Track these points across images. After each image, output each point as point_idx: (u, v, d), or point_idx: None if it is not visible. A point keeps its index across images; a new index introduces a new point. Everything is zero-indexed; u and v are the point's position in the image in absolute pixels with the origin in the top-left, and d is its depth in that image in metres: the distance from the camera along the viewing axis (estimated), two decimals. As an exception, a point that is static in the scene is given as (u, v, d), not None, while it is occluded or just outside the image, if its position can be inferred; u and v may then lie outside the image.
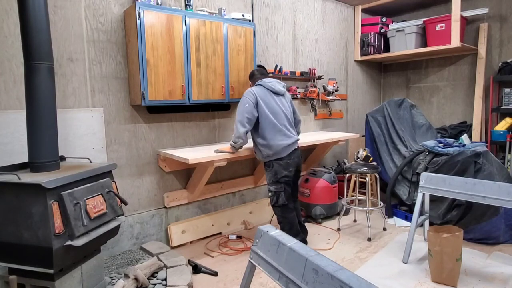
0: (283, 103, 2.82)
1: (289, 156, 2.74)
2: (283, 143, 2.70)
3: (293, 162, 2.76)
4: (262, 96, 2.71)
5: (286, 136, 2.73)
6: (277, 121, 2.72)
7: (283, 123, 2.76)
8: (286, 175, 2.73)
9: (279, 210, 2.79)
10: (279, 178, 2.73)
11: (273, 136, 2.70)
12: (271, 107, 2.72)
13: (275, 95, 2.79)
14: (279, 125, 2.72)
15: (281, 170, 2.72)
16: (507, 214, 2.96)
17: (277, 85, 2.81)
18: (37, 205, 1.70)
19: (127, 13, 2.67)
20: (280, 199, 2.75)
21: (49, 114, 1.96)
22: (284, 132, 2.73)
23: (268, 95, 2.74)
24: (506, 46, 4.26)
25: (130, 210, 2.85)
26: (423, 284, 2.44)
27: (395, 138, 3.99)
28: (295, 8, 4.10)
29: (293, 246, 1.25)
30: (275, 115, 2.73)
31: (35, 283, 1.83)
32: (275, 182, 2.74)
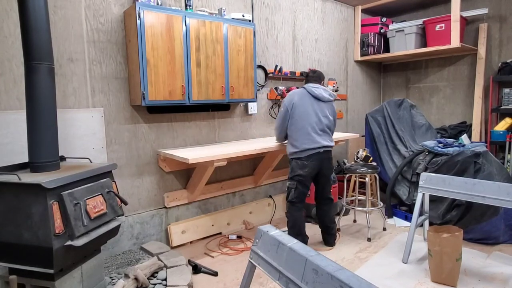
0: (322, 109, 2.89)
1: (307, 158, 2.80)
2: (305, 146, 2.79)
3: (310, 164, 2.81)
4: (299, 99, 2.85)
5: (311, 141, 2.81)
6: (307, 125, 2.81)
7: (314, 128, 2.83)
8: (300, 174, 2.81)
9: (288, 205, 2.93)
10: (293, 175, 2.85)
11: (298, 137, 2.82)
12: (304, 111, 2.82)
13: (316, 100, 2.87)
14: (308, 129, 2.81)
15: (297, 168, 2.83)
16: (507, 214, 2.97)
17: (321, 91, 2.89)
18: (37, 205, 1.70)
19: (127, 13, 2.67)
20: (290, 194, 2.87)
21: (49, 114, 1.96)
22: (310, 137, 2.81)
23: (306, 98, 2.86)
24: (505, 46, 4.26)
25: (130, 210, 2.85)
26: (423, 284, 2.45)
27: (395, 138, 3.99)
28: (295, 8, 4.10)
29: (293, 246, 1.25)
30: (306, 118, 2.82)
31: (35, 283, 1.83)
32: (290, 178, 2.89)
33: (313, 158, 2.81)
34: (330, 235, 3.07)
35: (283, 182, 4.09)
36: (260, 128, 3.84)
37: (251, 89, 3.29)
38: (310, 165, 2.82)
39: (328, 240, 3.08)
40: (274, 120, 3.96)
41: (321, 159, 2.86)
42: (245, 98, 3.25)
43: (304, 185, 2.86)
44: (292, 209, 2.89)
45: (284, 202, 3.98)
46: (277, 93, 3.78)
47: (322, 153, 2.85)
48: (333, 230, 3.09)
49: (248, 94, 3.27)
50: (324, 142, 2.85)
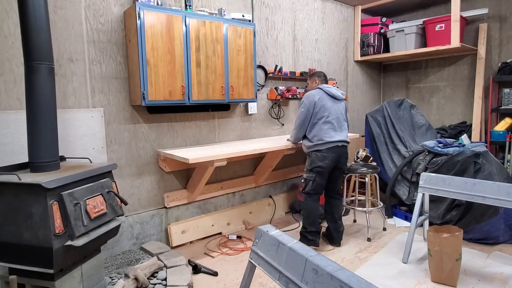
0: (338, 107, 3.02)
1: (327, 150, 2.90)
2: (326, 139, 2.89)
3: (329, 156, 2.90)
4: (319, 98, 2.94)
5: (331, 136, 2.91)
6: (327, 122, 2.92)
7: (333, 124, 2.94)
8: (320, 165, 2.89)
9: (304, 196, 3.00)
10: (313, 167, 2.92)
11: (319, 132, 2.92)
12: (324, 109, 2.93)
13: (332, 99, 2.99)
14: (328, 125, 2.92)
15: (317, 161, 2.90)
16: (507, 214, 2.97)
17: (336, 91, 3.02)
18: (37, 205, 1.70)
19: (127, 14, 2.67)
20: (308, 186, 2.95)
21: (49, 114, 1.96)
22: (331, 132, 2.92)
23: (325, 97, 2.97)
24: (505, 46, 4.26)
25: (130, 210, 2.85)
26: (423, 284, 2.45)
27: (394, 138, 3.99)
28: (295, 8, 4.10)
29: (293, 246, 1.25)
30: (327, 116, 2.93)
31: (35, 283, 1.83)
32: (309, 171, 2.96)
33: (333, 151, 2.90)
34: (338, 232, 3.09)
35: (283, 182, 4.09)
36: (260, 128, 3.84)
37: (251, 89, 3.29)
38: (329, 158, 2.89)
39: (335, 238, 3.09)
40: (274, 120, 3.96)
41: (340, 152, 2.95)
42: (245, 98, 3.25)
43: (322, 177, 2.94)
44: (309, 200, 2.97)
45: (284, 202, 4.00)
46: (277, 93, 3.78)
47: (341, 147, 2.95)
48: (341, 228, 3.11)
49: (248, 94, 3.27)
50: (342, 137, 2.96)
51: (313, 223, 2.96)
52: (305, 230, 2.99)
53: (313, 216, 2.96)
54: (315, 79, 3.16)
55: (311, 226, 2.96)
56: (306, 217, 2.99)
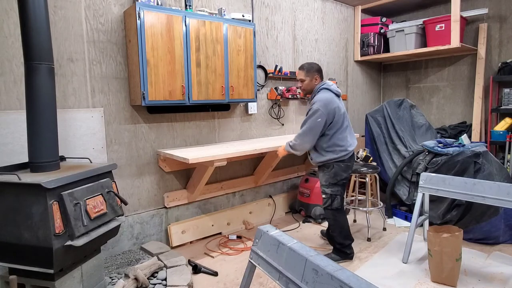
0: (342, 105, 2.76)
1: (350, 159, 2.69)
2: (349, 149, 2.65)
3: (351, 165, 2.72)
4: (334, 102, 2.61)
5: (350, 141, 2.69)
6: (347, 124, 2.71)
7: (350, 127, 2.77)
8: (346, 177, 2.68)
9: (332, 213, 2.70)
10: (338, 180, 2.64)
11: (345, 137, 2.65)
12: (342, 112, 2.67)
13: (339, 98, 2.73)
14: (350, 128, 2.74)
15: (341, 172, 2.63)
16: (507, 214, 2.97)
17: (337, 87, 2.78)
18: (37, 205, 1.70)
19: (127, 13, 2.67)
20: (336, 202, 2.67)
21: (49, 114, 1.96)
22: (350, 136, 2.71)
23: (337, 99, 2.67)
24: (505, 46, 4.26)
25: (130, 210, 2.85)
26: (423, 284, 2.45)
27: (394, 138, 3.99)
28: (295, 8, 4.10)
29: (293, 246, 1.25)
30: (345, 119, 2.70)
31: (35, 283, 1.83)
32: (333, 184, 2.65)
33: (353, 158, 2.74)
34: None
35: (283, 182, 4.09)
36: (260, 128, 3.84)
37: (251, 89, 3.29)
38: (351, 166, 2.72)
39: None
40: (274, 120, 3.96)
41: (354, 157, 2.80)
42: (245, 98, 3.25)
43: (345, 188, 2.76)
44: (340, 215, 2.72)
45: (284, 202, 4.00)
46: (277, 93, 3.78)
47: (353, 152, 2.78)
48: None
49: (248, 94, 3.27)
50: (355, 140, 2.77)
51: (347, 236, 2.76)
52: (342, 246, 2.74)
53: (346, 228, 2.75)
54: (315, 75, 2.71)
55: (347, 239, 2.75)
56: (340, 232, 2.73)
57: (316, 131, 2.57)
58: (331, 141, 2.62)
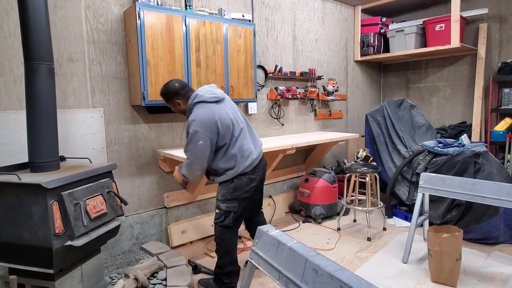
0: (233, 107, 2.32)
1: (253, 171, 2.29)
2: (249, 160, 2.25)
3: (257, 176, 2.32)
4: (213, 115, 2.14)
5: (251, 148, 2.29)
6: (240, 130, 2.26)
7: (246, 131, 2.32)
8: (247, 190, 2.28)
9: (220, 230, 2.32)
10: (238, 195, 2.26)
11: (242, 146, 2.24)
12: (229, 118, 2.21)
13: (221, 102, 2.25)
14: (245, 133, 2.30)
15: (244, 186, 2.26)
16: (507, 214, 2.97)
17: (214, 90, 2.28)
18: (37, 205, 1.70)
19: (127, 13, 2.67)
20: (227, 219, 2.28)
21: (49, 114, 1.96)
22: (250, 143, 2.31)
23: (215, 108, 2.18)
24: (505, 46, 4.26)
25: (130, 210, 2.85)
26: (423, 284, 2.45)
27: (394, 138, 3.99)
28: (295, 8, 4.10)
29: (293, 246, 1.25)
30: (237, 122, 2.25)
31: (35, 283, 1.83)
32: (230, 200, 2.26)
33: (258, 167, 2.34)
34: None
35: (283, 182, 4.09)
36: (260, 128, 3.84)
37: (251, 89, 3.29)
38: (257, 178, 2.33)
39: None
40: (274, 120, 3.96)
41: (263, 166, 2.42)
42: (245, 98, 3.25)
43: (248, 202, 2.34)
44: (228, 234, 2.32)
45: (284, 202, 4.00)
46: (277, 93, 3.78)
47: (262, 158, 2.40)
48: None
49: (248, 94, 3.27)
50: (260, 145, 2.41)
51: (231, 262, 2.34)
52: (221, 272, 2.34)
53: (231, 253, 2.34)
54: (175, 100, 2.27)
55: (230, 265, 2.33)
56: (223, 255, 2.33)
57: (202, 155, 2.15)
58: (226, 157, 2.22)
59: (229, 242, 2.34)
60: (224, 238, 2.33)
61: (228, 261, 2.33)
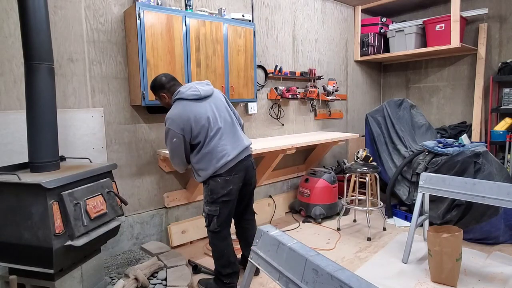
0: (217, 105, 2.26)
1: (228, 172, 2.20)
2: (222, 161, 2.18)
3: (234, 179, 2.22)
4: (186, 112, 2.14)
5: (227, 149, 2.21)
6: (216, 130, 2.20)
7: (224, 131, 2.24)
8: (224, 194, 2.21)
9: (209, 235, 2.33)
10: (215, 198, 2.21)
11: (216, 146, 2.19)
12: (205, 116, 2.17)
13: (203, 100, 2.21)
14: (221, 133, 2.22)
15: (218, 189, 2.20)
16: (507, 214, 2.97)
17: (200, 87, 2.23)
18: (37, 205, 1.70)
19: (127, 13, 2.67)
20: (212, 224, 2.26)
21: (49, 114, 1.96)
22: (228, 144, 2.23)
23: (192, 106, 2.17)
24: (505, 46, 4.26)
25: (130, 210, 2.85)
26: (423, 284, 2.45)
27: (395, 138, 3.99)
28: (295, 8, 4.10)
29: (293, 246, 1.25)
30: (212, 124, 2.19)
31: (35, 283, 1.83)
32: (211, 203, 2.24)
33: (236, 169, 2.24)
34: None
35: (283, 182, 4.09)
36: (260, 128, 3.84)
37: (251, 89, 3.29)
38: (234, 180, 2.24)
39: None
40: (274, 120, 3.96)
41: (246, 167, 2.32)
42: (245, 98, 3.25)
43: (230, 205, 2.29)
44: (217, 239, 2.30)
45: (284, 202, 4.00)
46: (277, 93, 3.78)
47: (245, 160, 2.30)
48: None
49: (248, 94, 3.27)
50: (242, 146, 2.29)
51: (227, 264, 2.31)
52: (219, 274, 2.33)
53: (226, 255, 2.31)
54: (160, 94, 2.29)
55: (227, 268, 2.31)
56: (217, 258, 2.32)
57: (178, 151, 2.20)
58: (199, 156, 2.21)
59: (220, 247, 2.32)
60: (214, 243, 2.33)
61: (223, 264, 2.32)
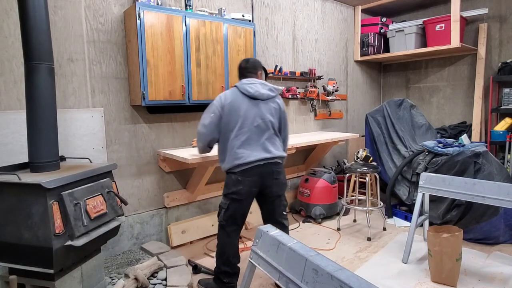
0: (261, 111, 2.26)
1: (242, 174, 2.22)
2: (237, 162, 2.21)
3: (246, 181, 2.22)
4: (230, 97, 2.24)
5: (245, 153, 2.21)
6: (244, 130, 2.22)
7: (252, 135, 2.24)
8: (234, 191, 2.23)
9: (218, 227, 2.36)
10: (227, 192, 2.27)
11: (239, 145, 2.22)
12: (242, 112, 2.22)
13: (252, 100, 2.25)
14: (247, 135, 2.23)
15: (230, 185, 2.25)
16: (507, 214, 2.97)
17: (258, 88, 2.26)
18: (37, 205, 1.70)
19: (127, 13, 2.67)
20: (220, 215, 2.31)
21: (49, 114, 1.96)
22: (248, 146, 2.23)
23: (239, 97, 2.24)
24: (505, 46, 4.26)
25: (130, 210, 2.85)
26: (423, 284, 2.45)
27: (395, 138, 3.99)
28: (295, 8, 4.10)
29: (293, 246, 1.25)
30: (242, 123, 2.22)
31: (35, 283, 1.83)
32: (224, 196, 2.30)
33: (250, 173, 2.22)
34: None
35: (283, 182, 4.09)
36: (260, 128, 3.84)
37: (251, 89, 3.29)
38: (246, 183, 2.23)
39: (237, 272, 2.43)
40: (274, 120, 3.96)
41: (263, 174, 2.26)
42: (245, 98, 3.25)
43: (239, 205, 2.28)
44: (221, 233, 2.33)
45: (284, 202, 3.99)
46: (277, 93, 3.78)
47: (263, 166, 2.25)
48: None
49: (248, 94, 3.27)
50: (265, 154, 2.25)
51: (227, 263, 2.29)
52: (218, 269, 2.33)
53: (227, 254, 2.29)
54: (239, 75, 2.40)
55: (225, 265, 2.30)
56: (219, 254, 2.32)
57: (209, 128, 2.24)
58: (222, 146, 2.29)
59: (223, 243, 2.33)
60: (219, 236, 2.35)
61: (223, 261, 2.31)
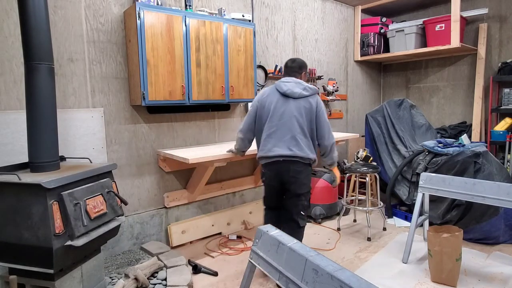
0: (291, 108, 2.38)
1: (265, 166, 2.45)
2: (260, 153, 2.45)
3: (267, 173, 2.47)
4: (266, 94, 2.49)
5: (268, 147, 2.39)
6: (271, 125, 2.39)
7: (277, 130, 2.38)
8: (263, 175, 2.53)
9: None
10: (263, 179, 2.55)
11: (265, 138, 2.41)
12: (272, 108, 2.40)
13: (284, 97, 2.41)
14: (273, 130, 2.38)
15: (262, 171, 2.54)
16: (507, 214, 2.97)
17: (292, 86, 2.41)
18: (37, 205, 1.70)
19: (127, 13, 2.67)
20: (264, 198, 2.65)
21: (49, 114, 1.96)
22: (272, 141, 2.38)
23: (274, 94, 2.45)
24: (505, 46, 4.26)
25: (130, 210, 2.85)
26: (423, 284, 2.45)
27: (395, 138, 3.99)
28: (295, 8, 4.10)
29: (293, 246, 1.25)
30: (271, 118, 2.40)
31: (35, 283, 1.83)
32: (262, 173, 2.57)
33: (270, 167, 2.42)
34: None
35: (283, 182, 4.09)
36: (260, 128, 3.84)
37: (251, 89, 3.29)
38: (268, 175, 2.46)
39: None
40: (274, 120, 3.96)
41: (280, 170, 2.37)
42: (245, 98, 3.25)
43: (270, 190, 2.53)
44: (264, 209, 2.66)
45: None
46: (277, 93, 3.78)
47: (282, 163, 2.35)
48: None
49: (248, 94, 3.27)
50: (284, 151, 2.33)
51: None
52: None
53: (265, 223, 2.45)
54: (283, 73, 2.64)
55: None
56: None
57: (247, 119, 2.53)
58: (257, 135, 2.54)
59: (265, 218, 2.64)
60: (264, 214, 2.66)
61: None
